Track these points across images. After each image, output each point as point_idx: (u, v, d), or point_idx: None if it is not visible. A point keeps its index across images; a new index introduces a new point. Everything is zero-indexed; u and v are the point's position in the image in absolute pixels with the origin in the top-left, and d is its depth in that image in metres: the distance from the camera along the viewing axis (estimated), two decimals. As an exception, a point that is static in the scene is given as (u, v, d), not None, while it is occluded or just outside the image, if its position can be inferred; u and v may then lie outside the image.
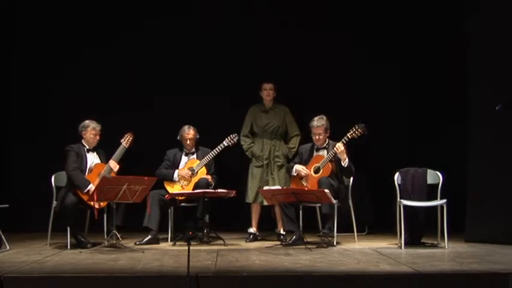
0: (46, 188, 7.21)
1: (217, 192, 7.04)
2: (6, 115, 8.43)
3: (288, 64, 8.26)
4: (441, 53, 8.23)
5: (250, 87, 7.81)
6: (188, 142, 7.53)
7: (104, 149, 7.20)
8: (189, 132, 7.53)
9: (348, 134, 6.94)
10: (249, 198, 7.59)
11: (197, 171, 7.44)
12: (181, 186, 7.43)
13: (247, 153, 7.67)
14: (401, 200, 6.81)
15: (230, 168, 7.99)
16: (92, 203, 6.72)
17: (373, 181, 8.05)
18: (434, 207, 6.80)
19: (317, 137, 7.16)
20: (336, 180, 7.08)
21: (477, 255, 6.12)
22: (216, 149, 7.44)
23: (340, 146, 6.91)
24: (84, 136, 7.10)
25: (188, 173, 7.44)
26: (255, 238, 7.50)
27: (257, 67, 8.21)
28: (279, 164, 7.56)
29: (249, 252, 6.57)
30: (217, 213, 7.47)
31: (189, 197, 7.28)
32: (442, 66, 8.23)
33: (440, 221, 6.75)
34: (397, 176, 6.99)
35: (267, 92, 7.66)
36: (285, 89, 7.75)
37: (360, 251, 6.51)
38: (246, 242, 7.37)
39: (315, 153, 7.24)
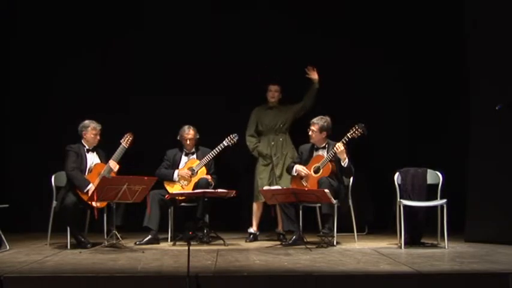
0: (46, 188, 7.22)
1: (217, 192, 7.04)
2: (6, 115, 8.42)
3: (289, 64, 8.24)
4: (441, 53, 8.21)
5: (250, 88, 7.81)
6: (188, 142, 7.53)
7: (104, 149, 7.21)
8: (189, 132, 7.52)
9: (348, 134, 6.94)
10: (257, 197, 7.57)
11: (197, 171, 7.44)
12: (181, 186, 7.42)
13: (253, 153, 7.66)
14: (401, 200, 6.81)
15: (230, 168, 7.99)
16: (91, 203, 6.72)
17: (373, 181, 8.06)
18: (434, 207, 6.79)
19: (310, 132, 7.15)
20: (336, 180, 7.07)
21: (477, 255, 6.12)
22: (216, 149, 7.44)
23: (340, 146, 6.90)
24: (84, 136, 7.10)
25: (188, 173, 7.43)
26: (255, 238, 7.49)
27: (257, 67, 8.20)
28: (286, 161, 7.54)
29: (249, 252, 6.57)
30: (217, 213, 7.47)
31: (189, 197, 7.28)
32: (442, 66, 8.21)
33: (440, 221, 6.74)
34: (397, 176, 6.99)
35: (272, 94, 7.66)
36: (285, 89, 7.74)
37: (360, 251, 6.51)
38: (246, 242, 7.37)
39: (314, 153, 7.23)
